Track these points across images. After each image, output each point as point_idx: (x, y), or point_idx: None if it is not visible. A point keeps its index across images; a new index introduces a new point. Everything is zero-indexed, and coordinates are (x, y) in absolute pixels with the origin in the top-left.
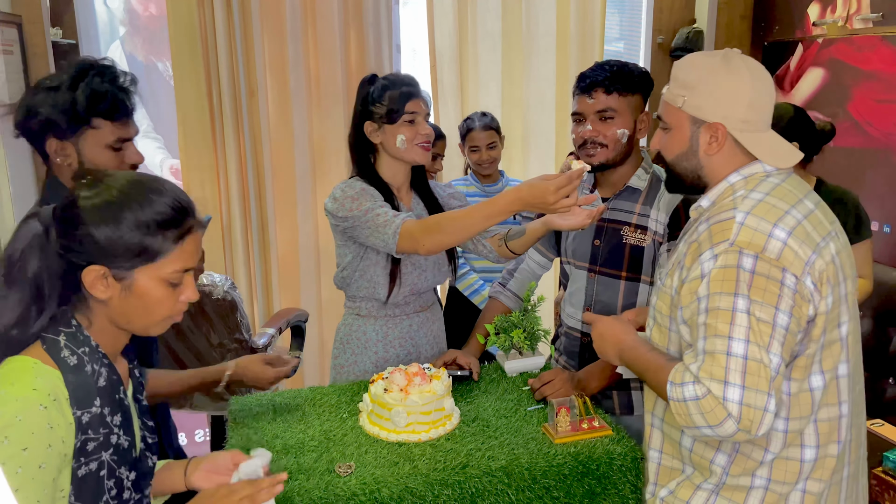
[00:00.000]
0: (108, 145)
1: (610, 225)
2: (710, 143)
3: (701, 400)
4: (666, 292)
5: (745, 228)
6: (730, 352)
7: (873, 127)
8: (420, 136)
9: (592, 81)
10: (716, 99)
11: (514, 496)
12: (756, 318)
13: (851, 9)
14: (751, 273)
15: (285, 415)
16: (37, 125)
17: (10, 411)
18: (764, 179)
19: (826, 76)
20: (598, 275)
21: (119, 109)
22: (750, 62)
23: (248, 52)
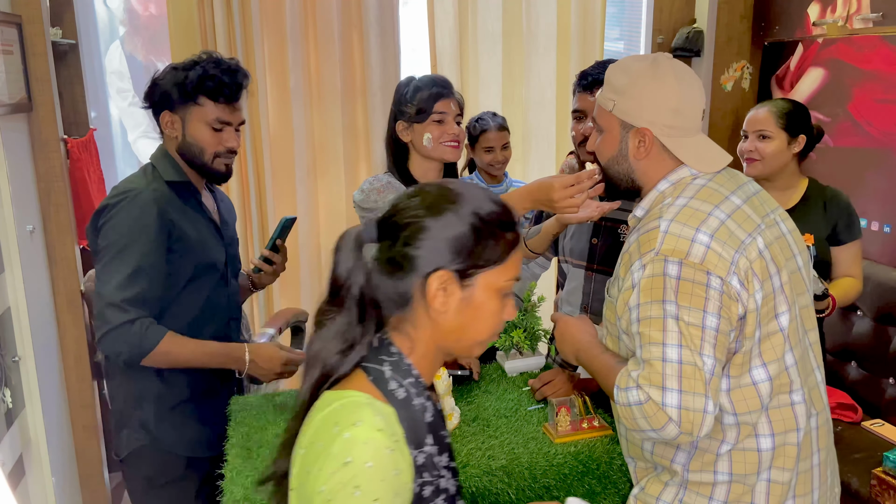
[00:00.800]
0: (208, 123)
1: (608, 224)
2: (638, 148)
3: (644, 405)
4: (611, 301)
5: (668, 236)
6: (665, 358)
7: (873, 127)
8: (447, 136)
9: (594, 79)
10: (642, 103)
11: (515, 495)
12: (685, 322)
13: (851, 9)
14: (676, 279)
15: (285, 415)
16: (157, 96)
17: (360, 457)
18: (690, 183)
19: (826, 76)
20: (595, 273)
21: (223, 93)
22: (678, 67)
23: (248, 52)
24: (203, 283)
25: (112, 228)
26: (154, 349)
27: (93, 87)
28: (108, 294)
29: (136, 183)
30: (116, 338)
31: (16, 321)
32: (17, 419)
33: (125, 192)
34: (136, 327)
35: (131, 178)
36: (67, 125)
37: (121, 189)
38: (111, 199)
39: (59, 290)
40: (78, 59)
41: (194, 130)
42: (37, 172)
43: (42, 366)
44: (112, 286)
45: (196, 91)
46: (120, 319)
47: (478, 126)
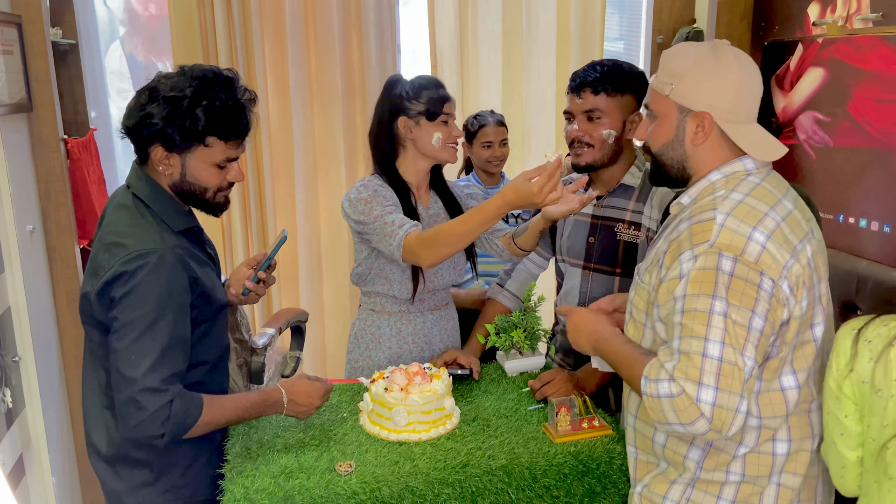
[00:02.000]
0: (215, 164)
1: (604, 222)
2: (696, 133)
3: (675, 398)
4: (644, 288)
5: (725, 230)
6: (705, 353)
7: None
8: (452, 138)
9: (581, 81)
10: (703, 87)
11: (515, 495)
12: (732, 320)
13: (851, 9)
14: (729, 276)
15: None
16: (148, 133)
17: None
18: (744, 179)
19: (826, 76)
20: (592, 272)
21: (236, 131)
22: (739, 53)
23: (248, 52)
24: (214, 326)
25: (135, 303)
26: (195, 426)
27: (93, 87)
28: (141, 379)
29: (146, 240)
30: (155, 422)
31: (16, 321)
32: (17, 419)
33: (142, 257)
34: (175, 407)
35: (134, 229)
36: (67, 125)
37: (133, 250)
38: (126, 266)
39: (59, 290)
40: (78, 59)
41: (197, 171)
42: (37, 172)
43: (42, 366)
44: (144, 369)
45: (206, 132)
46: (158, 403)
47: (476, 122)
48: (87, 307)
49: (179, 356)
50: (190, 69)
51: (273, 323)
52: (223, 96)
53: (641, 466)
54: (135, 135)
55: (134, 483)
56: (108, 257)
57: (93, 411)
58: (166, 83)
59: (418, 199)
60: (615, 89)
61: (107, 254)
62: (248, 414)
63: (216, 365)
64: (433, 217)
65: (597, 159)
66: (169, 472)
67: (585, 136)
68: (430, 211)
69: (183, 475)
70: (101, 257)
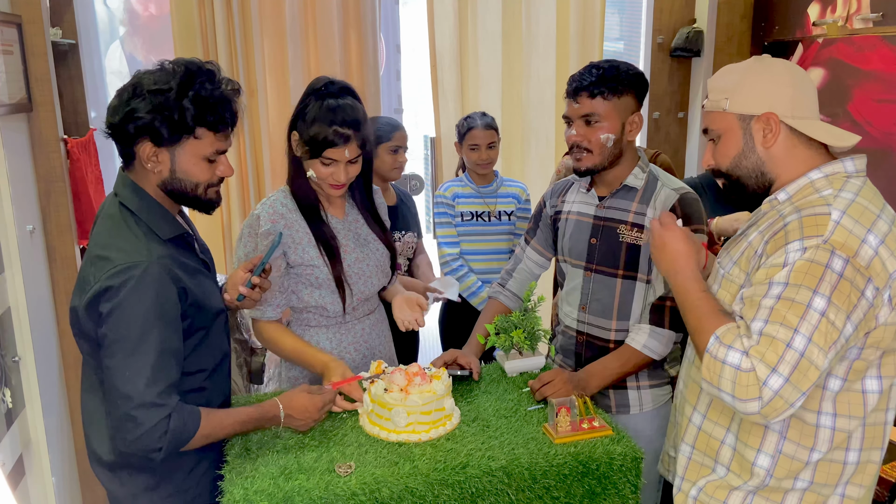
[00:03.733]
0: (205, 157)
1: (606, 223)
2: (765, 136)
3: (741, 372)
4: (733, 282)
5: (840, 228)
6: (791, 344)
7: (873, 127)
8: (332, 179)
9: (578, 86)
10: (759, 91)
11: (514, 496)
12: (829, 320)
13: (851, 9)
14: (838, 276)
15: None
16: (134, 128)
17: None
18: (847, 180)
19: (826, 76)
20: (594, 273)
21: (225, 121)
22: (783, 60)
23: (248, 52)
24: (210, 333)
25: (122, 319)
26: (193, 440)
27: (93, 87)
28: (136, 395)
29: (131, 252)
30: (153, 436)
31: (16, 321)
32: (17, 419)
33: (127, 270)
34: (174, 422)
35: (119, 241)
36: (67, 125)
37: (118, 263)
38: (111, 280)
39: (59, 290)
40: (78, 59)
41: (187, 166)
42: (37, 172)
43: (42, 366)
44: (139, 385)
45: (195, 123)
46: (156, 418)
47: (465, 123)
48: (76, 321)
49: (172, 368)
50: (171, 63)
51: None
52: (209, 87)
53: (693, 467)
54: (120, 133)
55: (136, 489)
56: (93, 271)
57: (93, 418)
58: (149, 78)
59: (328, 209)
60: (613, 92)
61: (92, 267)
62: (245, 428)
63: (216, 370)
64: (351, 224)
65: (596, 164)
66: (171, 478)
67: (584, 141)
68: (347, 218)
69: (185, 480)
70: (87, 271)
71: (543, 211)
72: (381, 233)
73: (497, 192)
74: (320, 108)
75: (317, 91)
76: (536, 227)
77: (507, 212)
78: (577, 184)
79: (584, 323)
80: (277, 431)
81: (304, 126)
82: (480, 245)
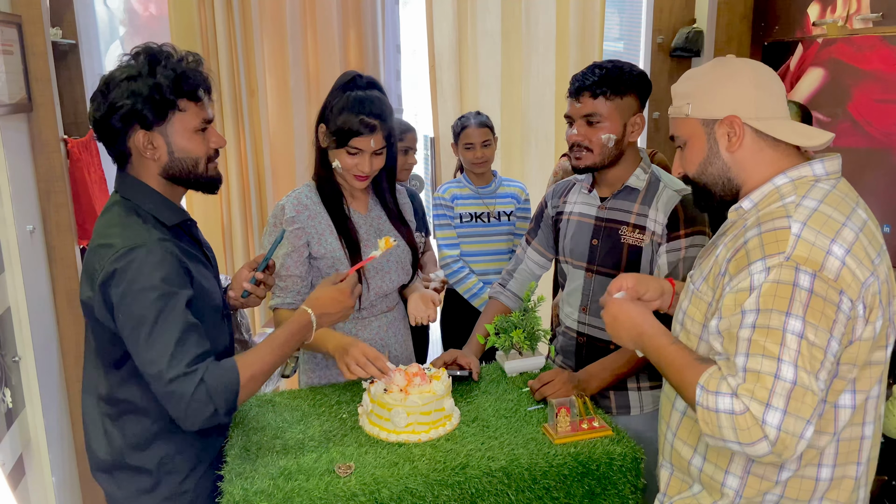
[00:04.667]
0: (195, 129)
1: (608, 225)
2: (729, 140)
3: (737, 416)
4: (701, 298)
5: (802, 242)
6: (778, 375)
7: (873, 127)
8: (356, 170)
9: (580, 85)
10: (721, 94)
11: (514, 496)
12: (809, 342)
13: (851, 9)
14: (808, 292)
15: (285, 415)
16: (120, 120)
17: None
18: (814, 185)
19: (826, 76)
20: (595, 274)
21: (203, 87)
22: (746, 59)
23: (248, 52)
24: (210, 329)
25: (135, 302)
26: (241, 386)
27: (93, 87)
28: (166, 372)
29: (133, 236)
30: (199, 403)
31: (16, 321)
32: (17, 419)
33: (131, 251)
34: (210, 382)
35: (120, 228)
36: (67, 125)
37: (121, 246)
38: (117, 263)
39: (59, 290)
40: (78, 59)
41: (182, 142)
42: (37, 172)
43: (42, 366)
44: (165, 362)
45: (176, 94)
46: (191, 385)
47: (459, 123)
48: (90, 313)
49: (197, 338)
50: (130, 54)
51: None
52: (174, 61)
53: (675, 483)
54: (108, 130)
55: (132, 490)
56: (97, 259)
57: (91, 419)
58: (117, 72)
59: (352, 204)
60: (615, 92)
61: (96, 256)
62: (284, 350)
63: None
64: (374, 220)
65: (596, 163)
66: (168, 480)
67: (585, 140)
68: (370, 214)
69: (183, 482)
70: (91, 260)
71: (545, 211)
72: (403, 230)
73: (496, 192)
74: (348, 100)
75: (345, 84)
76: (538, 228)
77: (507, 212)
78: (579, 184)
79: (584, 324)
80: (277, 432)
81: (332, 116)
82: (480, 246)
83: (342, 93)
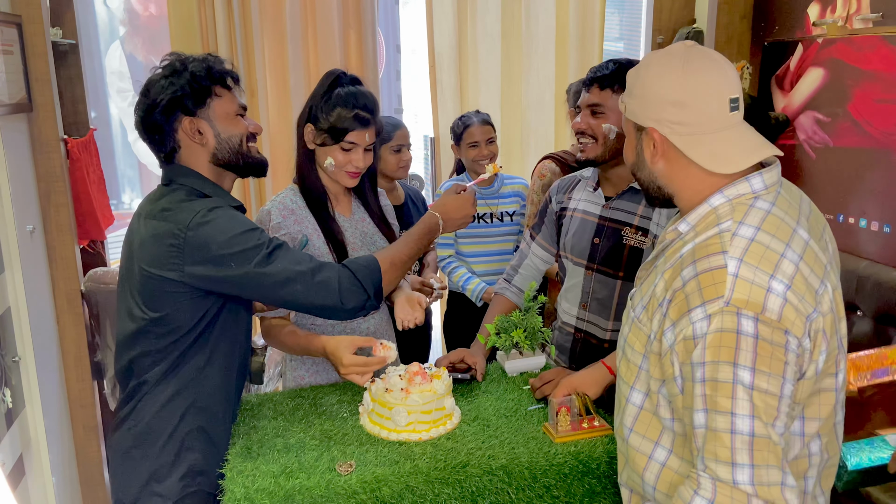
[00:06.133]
0: (235, 113)
1: (611, 224)
2: (653, 152)
3: (716, 498)
4: (641, 329)
5: (740, 282)
6: (734, 430)
7: (873, 127)
8: (350, 166)
9: (592, 76)
10: (647, 101)
11: (515, 495)
12: (761, 391)
13: (851, 9)
14: (754, 339)
15: (286, 414)
16: (163, 112)
17: None
18: (752, 205)
19: (826, 76)
20: (595, 273)
21: (231, 75)
22: (692, 54)
23: (248, 52)
24: (238, 308)
25: (231, 238)
26: (382, 271)
27: (93, 87)
28: (308, 265)
29: (208, 203)
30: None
31: (16, 321)
32: (17, 419)
33: (212, 210)
34: (352, 265)
35: (191, 203)
36: (67, 125)
37: (201, 207)
38: (202, 218)
39: (59, 290)
40: (78, 59)
41: (226, 124)
42: (37, 172)
43: (42, 366)
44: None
45: (212, 81)
46: (334, 270)
47: (461, 123)
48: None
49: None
50: (161, 66)
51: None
52: (200, 58)
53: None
54: (153, 126)
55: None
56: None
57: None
58: (153, 76)
59: (336, 206)
60: (623, 87)
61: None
62: (419, 245)
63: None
64: (357, 223)
65: (598, 155)
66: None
67: (588, 129)
68: (354, 217)
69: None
70: (159, 232)
71: (549, 206)
72: (387, 231)
73: (499, 192)
74: (339, 96)
75: (332, 82)
76: (542, 223)
77: (510, 212)
78: (584, 181)
79: (583, 321)
80: (278, 431)
81: (323, 114)
82: (483, 247)
83: (330, 90)
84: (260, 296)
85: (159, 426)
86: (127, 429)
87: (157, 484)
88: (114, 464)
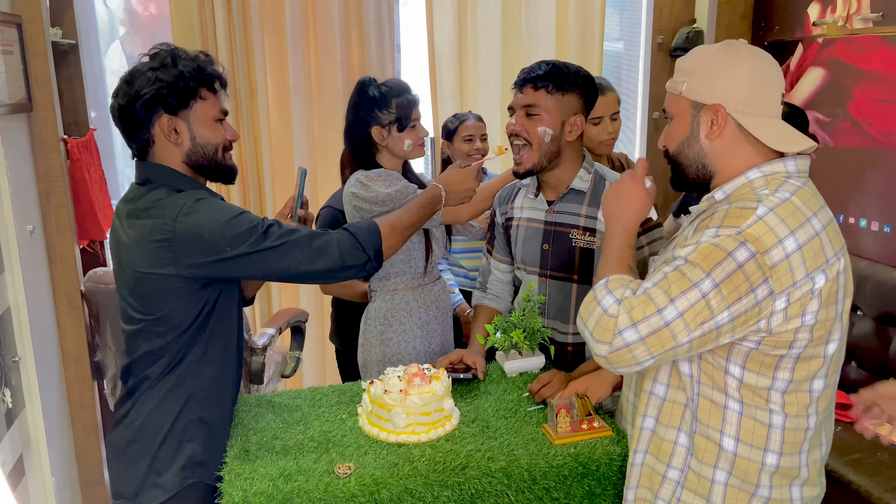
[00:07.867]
0: (214, 118)
1: (557, 228)
2: (710, 127)
3: (605, 316)
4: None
5: (761, 223)
6: (661, 311)
7: (873, 127)
8: (419, 139)
9: (525, 77)
10: (714, 80)
11: (514, 497)
12: (707, 304)
13: (851, 9)
14: (737, 266)
15: (285, 415)
16: (144, 105)
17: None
18: (786, 180)
19: (826, 76)
20: (549, 279)
21: (220, 79)
22: (754, 48)
23: (248, 52)
24: (231, 296)
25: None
26: (382, 234)
27: (93, 87)
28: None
29: (192, 194)
30: (350, 245)
31: (16, 321)
32: (17, 419)
33: (197, 202)
34: (352, 227)
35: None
36: (67, 125)
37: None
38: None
39: (59, 290)
40: (78, 59)
41: (203, 129)
42: (37, 172)
43: (42, 366)
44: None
45: (198, 83)
46: (334, 233)
47: (456, 119)
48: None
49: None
50: (149, 53)
51: (273, 323)
52: (190, 56)
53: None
54: (131, 117)
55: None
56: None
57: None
58: (139, 66)
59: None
60: (557, 87)
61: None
62: (421, 213)
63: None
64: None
65: (536, 163)
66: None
67: (523, 131)
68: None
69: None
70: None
71: (495, 220)
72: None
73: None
74: (385, 88)
75: (370, 86)
76: (493, 237)
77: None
78: (524, 189)
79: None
80: (276, 433)
81: (383, 111)
82: (473, 243)
83: (373, 90)
84: (262, 272)
85: (159, 419)
86: (127, 424)
87: (157, 476)
88: (114, 458)
